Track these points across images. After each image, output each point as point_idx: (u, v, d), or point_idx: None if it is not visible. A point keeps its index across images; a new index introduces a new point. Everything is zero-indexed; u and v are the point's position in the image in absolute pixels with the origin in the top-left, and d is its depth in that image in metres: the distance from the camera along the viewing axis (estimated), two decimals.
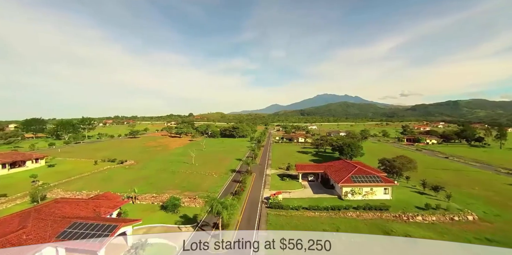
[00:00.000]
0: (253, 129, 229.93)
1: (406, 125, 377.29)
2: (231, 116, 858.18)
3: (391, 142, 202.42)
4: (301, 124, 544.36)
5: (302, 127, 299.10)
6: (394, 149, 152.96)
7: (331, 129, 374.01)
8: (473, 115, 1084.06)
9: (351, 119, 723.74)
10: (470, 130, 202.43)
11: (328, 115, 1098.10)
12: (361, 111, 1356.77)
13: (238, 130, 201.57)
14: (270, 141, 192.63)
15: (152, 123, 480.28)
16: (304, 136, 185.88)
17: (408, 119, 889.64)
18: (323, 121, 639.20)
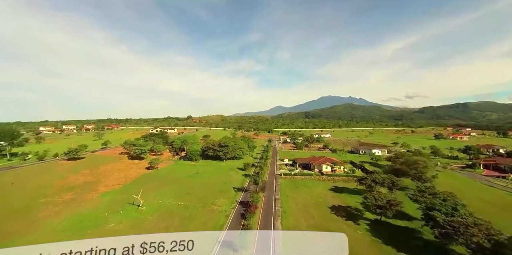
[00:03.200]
0: (250, 145, 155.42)
1: (439, 134, 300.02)
2: (232, 118, 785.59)
3: (458, 168, 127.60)
4: (309, 130, 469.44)
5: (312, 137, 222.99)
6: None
7: (349, 138, 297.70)
8: (484, 118, 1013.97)
9: (363, 123, 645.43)
10: None
11: (334, 118, 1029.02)
12: (367, 113, 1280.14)
13: (228, 149, 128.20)
14: (276, 169, 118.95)
15: (136, 129, 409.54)
16: (330, 163, 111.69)
17: (418, 122, 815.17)
18: (332, 125, 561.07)
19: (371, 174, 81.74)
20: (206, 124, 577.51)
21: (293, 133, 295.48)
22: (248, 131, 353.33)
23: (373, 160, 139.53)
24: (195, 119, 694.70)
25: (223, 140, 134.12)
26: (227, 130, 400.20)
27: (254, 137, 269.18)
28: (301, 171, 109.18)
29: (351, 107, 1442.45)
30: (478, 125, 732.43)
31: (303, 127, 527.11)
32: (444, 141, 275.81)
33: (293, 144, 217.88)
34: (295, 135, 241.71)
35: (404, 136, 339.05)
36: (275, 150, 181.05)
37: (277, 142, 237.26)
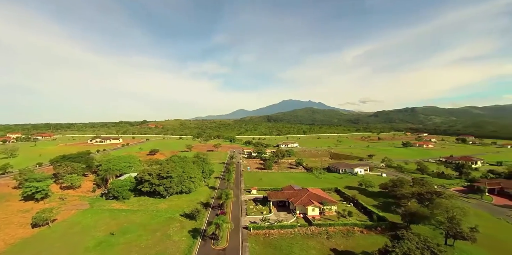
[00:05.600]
0: (206, 171, 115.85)
1: (407, 142, 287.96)
2: (192, 123, 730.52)
3: (459, 194, 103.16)
4: (274, 137, 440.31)
5: (282, 152, 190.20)
6: None
7: (318, 148, 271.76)
8: (430, 121, 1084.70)
9: (325, 128, 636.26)
10: None
11: (295, 121, 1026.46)
12: (327, 117, 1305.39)
13: (172, 180, 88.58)
14: (242, 212, 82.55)
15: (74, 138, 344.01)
16: (317, 203, 78.12)
17: (374, 126, 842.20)
18: (297, 131, 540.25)
19: (401, 242, 49.27)
20: (162, 130, 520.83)
21: (258, 143, 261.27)
22: (206, 141, 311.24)
23: (362, 186, 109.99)
24: (151, 124, 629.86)
25: (166, 167, 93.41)
26: (183, 139, 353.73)
27: (214, 150, 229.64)
28: (277, 217, 73.92)
29: (312, 111, 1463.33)
30: (426, 128, 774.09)
31: (267, 133, 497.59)
32: (413, 149, 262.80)
33: (260, 159, 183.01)
34: (261, 148, 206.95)
35: (372, 143, 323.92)
36: (239, 171, 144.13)
37: (241, 156, 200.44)
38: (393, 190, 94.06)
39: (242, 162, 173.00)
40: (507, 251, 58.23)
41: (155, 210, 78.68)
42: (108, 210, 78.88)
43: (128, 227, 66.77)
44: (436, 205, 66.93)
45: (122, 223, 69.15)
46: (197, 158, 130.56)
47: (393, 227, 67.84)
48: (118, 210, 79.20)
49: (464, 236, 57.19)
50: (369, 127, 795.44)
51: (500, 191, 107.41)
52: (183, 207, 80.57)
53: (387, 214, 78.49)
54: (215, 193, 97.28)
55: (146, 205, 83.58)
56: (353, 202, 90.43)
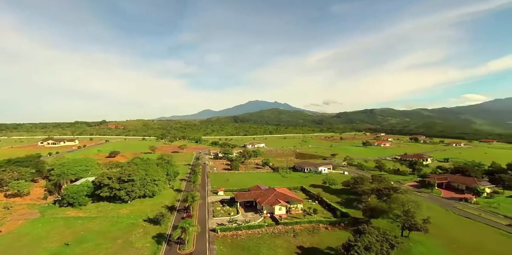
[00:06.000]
0: (171, 173, 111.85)
1: (367, 141, 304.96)
2: (156, 123, 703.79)
3: (412, 189, 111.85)
4: (241, 137, 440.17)
5: (249, 152, 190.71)
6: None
7: (284, 147, 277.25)
8: (386, 122, 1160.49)
9: (291, 128, 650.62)
10: None
11: (262, 122, 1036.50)
12: (292, 118, 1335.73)
13: (134, 184, 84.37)
14: (208, 214, 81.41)
15: (21, 140, 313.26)
16: (284, 202, 79.21)
17: (337, 127, 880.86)
18: (263, 132, 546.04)
19: (363, 236, 51.83)
20: (123, 131, 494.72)
21: (225, 144, 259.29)
22: (171, 142, 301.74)
23: (326, 184, 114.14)
24: (111, 125, 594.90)
25: (128, 170, 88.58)
26: (147, 140, 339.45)
27: (179, 151, 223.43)
28: (245, 218, 73.80)
29: (278, 112, 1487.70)
30: (383, 128, 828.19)
31: (234, 134, 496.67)
32: (372, 148, 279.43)
33: (226, 160, 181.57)
34: (228, 149, 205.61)
35: (335, 143, 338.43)
36: (206, 172, 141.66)
37: (207, 157, 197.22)
38: (354, 187, 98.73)
39: (208, 163, 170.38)
40: (454, 239, 64.03)
41: (115, 216, 74.11)
42: (62, 219, 72.65)
43: (85, 236, 62.08)
44: (393, 200, 71.56)
45: (79, 232, 64.10)
46: (161, 160, 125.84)
47: (355, 222, 71.21)
48: (74, 217, 73.26)
49: (418, 227, 61.90)
50: (332, 127, 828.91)
51: (447, 185, 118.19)
52: (146, 212, 76.96)
53: (350, 210, 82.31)
54: (181, 196, 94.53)
55: (106, 211, 78.44)
56: (318, 199, 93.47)
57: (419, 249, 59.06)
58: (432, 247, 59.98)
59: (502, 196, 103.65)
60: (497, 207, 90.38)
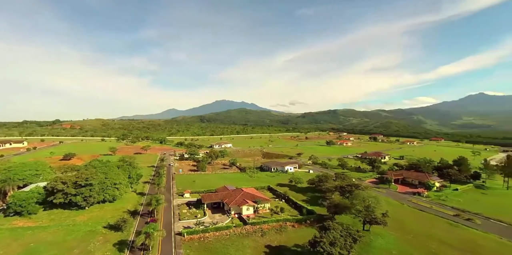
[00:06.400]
0: (133, 175, 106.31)
1: (330, 141, 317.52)
2: (117, 123, 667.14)
3: (372, 185, 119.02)
4: (207, 137, 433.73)
5: (216, 152, 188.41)
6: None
7: (251, 147, 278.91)
8: (348, 122, 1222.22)
9: (258, 128, 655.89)
10: (464, 163, 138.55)
11: (229, 122, 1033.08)
12: (259, 118, 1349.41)
13: (93, 188, 78.77)
14: (174, 217, 79.20)
15: None
16: (251, 202, 79.32)
17: (302, 126, 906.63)
18: (230, 132, 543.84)
19: (328, 232, 53.80)
20: (80, 131, 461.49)
21: (191, 144, 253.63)
22: (134, 143, 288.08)
23: (292, 182, 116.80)
24: (66, 124, 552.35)
25: (85, 174, 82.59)
26: (106, 141, 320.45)
27: (142, 152, 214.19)
28: (212, 220, 72.80)
29: (245, 112, 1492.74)
30: (346, 128, 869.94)
31: (200, 134, 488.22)
32: (335, 147, 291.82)
33: (192, 161, 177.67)
34: (194, 149, 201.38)
35: (300, 142, 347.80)
36: (171, 174, 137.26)
37: (173, 158, 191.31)
38: (319, 185, 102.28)
39: (173, 164, 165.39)
40: (409, 230, 69.29)
41: (71, 224, 68.63)
42: (9, 230, 65.56)
43: (36, 248, 56.68)
44: (355, 196, 75.30)
45: (28, 244, 58.32)
46: (123, 162, 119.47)
47: (320, 219, 73.66)
48: (22, 228, 66.45)
49: (378, 221, 65.86)
50: (298, 127, 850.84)
51: (402, 181, 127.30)
52: (106, 218, 72.43)
53: (315, 207, 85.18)
54: (144, 200, 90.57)
55: (60, 219, 72.28)
56: (285, 198, 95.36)
57: (379, 241, 62.88)
58: (390, 239, 64.17)
59: (449, 189, 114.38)
60: (445, 199, 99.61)
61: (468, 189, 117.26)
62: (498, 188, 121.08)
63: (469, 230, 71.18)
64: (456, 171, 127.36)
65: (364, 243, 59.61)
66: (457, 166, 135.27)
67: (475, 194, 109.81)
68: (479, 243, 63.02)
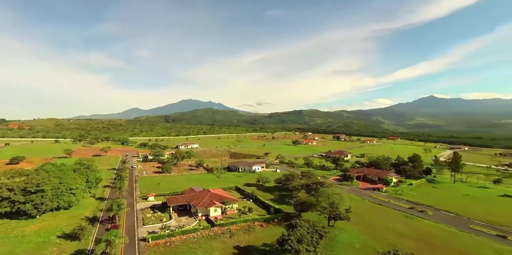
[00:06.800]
0: (92, 179, 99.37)
1: (296, 140, 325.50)
2: (73, 123, 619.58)
3: (336, 182, 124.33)
4: (173, 138, 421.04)
5: (182, 153, 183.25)
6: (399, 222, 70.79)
7: (218, 148, 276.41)
8: (313, 122, 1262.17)
9: (225, 128, 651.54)
10: (418, 159, 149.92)
11: (195, 122, 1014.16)
12: (226, 118, 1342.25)
13: (45, 194, 72.33)
14: (138, 222, 75.62)
15: None
16: (219, 203, 78.32)
17: (269, 126, 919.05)
18: (197, 132, 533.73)
19: (295, 230, 54.91)
20: (30, 132, 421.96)
21: (155, 145, 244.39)
22: (92, 144, 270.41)
23: (260, 182, 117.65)
24: (13, 124, 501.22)
25: (36, 179, 75.31)
26: (61, 142, 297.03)
27: (102, 154, 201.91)
28: (178, 223, 70.73)
29: (212, 112, 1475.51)
30: (311, 128, 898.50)
31: (165, 134, 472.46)
32: (301, 146, 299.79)
33: (157, 162, 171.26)
34: (159, 150, 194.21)
35: (267, 142, 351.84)
36: (133, 176, 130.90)
37: (135, 160, 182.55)
38: (286, 184, 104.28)
39: (137, 166, 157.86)
40: (370, 224, 73.46)
41: (20, 235, 62.14)
42: None
43: None
44: (320, 194, 77.91)
45: None
46: (80, 165, 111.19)
47: (288, 217, 75.06)
48: None
49: (342, 217, 68.76)
50: (265, 127, 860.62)
51: (363, 177, 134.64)
52: (61, 227, 66.78)
53: (282, 206, 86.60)
54: (104, 205, 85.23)
55: (6, 230, 65.01)
56: (253, 198, 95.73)
57: (343, 236, 65.72)
58: (353, 233, 67.40)
59: (405, 184, 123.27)
60: (401, 193, 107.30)
61: (421, 184, 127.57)
62: (446, 182, 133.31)
63: (423, 221, 77.73)
64: (410, 167, 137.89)
65: (329, 239, 61.83)
66: (411, 163, 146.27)
67: (427, 188, 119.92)
68: (431, 233, 69.03)
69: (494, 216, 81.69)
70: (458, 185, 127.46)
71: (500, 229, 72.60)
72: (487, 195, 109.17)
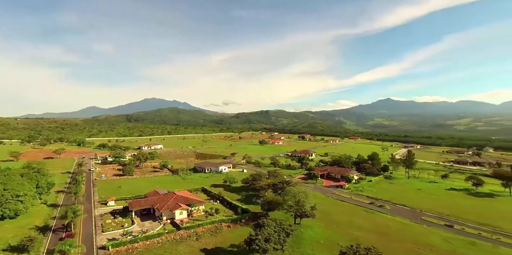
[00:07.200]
0: (43, 184, 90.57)
1: (263, 140, 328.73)
2: (21, 122, 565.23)
3: (301, 181, 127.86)
4: (135, 138, 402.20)
5: (144, 154, 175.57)
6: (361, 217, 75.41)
7: (184, 148, 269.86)
8: (279, 122, 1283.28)
9: (191, 128, 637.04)
10: (376, 158, 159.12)
11: (159, 121, 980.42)
12: (192, 117, 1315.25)
13: None
14: (96, 229, 70.94)
15: None
16: (185, 206, 76.11)
17: (236, 126, 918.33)
18: (161, 132, 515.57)
19: (262, 229, 55.17)
20: None
21: (115, 146, 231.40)
22: (43, 145, 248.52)
23: (226, 183, 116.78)
24: None
25: None
26: (5, 144, 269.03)
27: (55, 157, 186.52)
28: (141, 228, 67.49)
29: (177, 111, 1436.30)
30: (277, 128, 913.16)
31: (127, 134, 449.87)
32: (267, 146, 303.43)
33: (118, 164, 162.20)
34: (120, 152, 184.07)
35: (234, 142, 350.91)
36: (91, 180, 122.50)
37: (93, 162, 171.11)
38: (253, 184, 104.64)
39: (95, 169, 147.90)
40: (334, 220, 76.77)
41: None
42: None
43: None
44: (287, 192, 79.32)
45: None
46: (29, 169, 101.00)
47: (255, 217, 75.40)
48: None
49: (307, 214, 70.65)
50: (232, 127, 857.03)
51: (327, 175, 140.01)
52: (6, 238, 59.96)
53: (250, 205, 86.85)
54: (58, 212, 78.53)
55: None
56: (220, 199, 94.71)
57: (309, 233, 67.63)
58: (318, 230, 69.70)
59: (365, 181, 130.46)
60: (362, 190, 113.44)
61: (380, 180, 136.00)
62: (402, 178, 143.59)
63: (381, 215, 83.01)
64: (370, 165, 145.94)
65: (296, 236, 63.18)
66: (371, 161, 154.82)
67: (385, 184, 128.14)
68: (389, 225, 74.15)
69: (442, 208, 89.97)
70: (412, 180, 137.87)
71: (448, 219, 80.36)
72: (436, 189, 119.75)
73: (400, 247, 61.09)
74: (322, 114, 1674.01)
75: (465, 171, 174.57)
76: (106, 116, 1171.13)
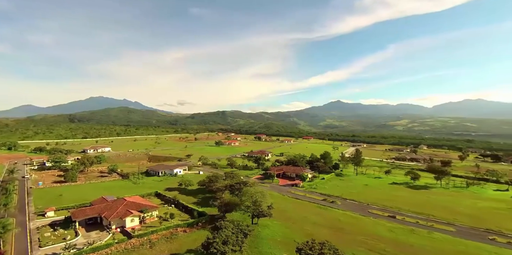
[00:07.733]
0: None
1: (219, 141, 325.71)
2: None
3: (258, 181, 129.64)
4: (79, 141, 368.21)
5: (90, 158, 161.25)
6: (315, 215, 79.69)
7: (135, 151, 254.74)
8: (236, 123, 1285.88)
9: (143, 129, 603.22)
10: (328, 156, 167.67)
11: (108, 122, 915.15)
12: (144, 118, 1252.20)
13: None
14: (31, 244, 62.99)
15: None
16: (136, 212, 71.18)
17: (191, 127, 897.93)
18: (109, 134, 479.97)
19: (220, 232, 54.20)
20: None
21: (55, 150, 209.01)
22: None
23: (182, 186, 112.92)
24: None
25: None
26: None
27: None
28: (87, 240, 61.54)
29: (127, 111, 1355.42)
30: (233, 129, 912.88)
31: (69, 136, 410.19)
32: (224, 147, 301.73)
33: (58, 170, 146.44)
34: (60, 156, 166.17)
35: (190, 143, 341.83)
36: (26, 189, 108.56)
37: (28, 168, 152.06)
38: (209, 186, 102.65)
39: (30, 176, 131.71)
40: (289, 217, 79.24)
41: None
42: None
43: None
44: (244, 193, 79.68)
45: None
46: None
47: (212, 220, 74.11)
48: None
49: (264, 213, 71.56)
50: (187, 128, 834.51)
51: (283, 175, 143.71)
52: None
53: (207, 208, 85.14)
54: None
55: None
56: (175, 203, 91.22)
57: (266, 232, 68.55)
58: (275, 228, 71.08)
59: (318, 179, 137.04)
60: (316, 187, 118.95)
61: (331, 177, 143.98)
62: (351, 174, 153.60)
63: (333, 210, 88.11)
64: (322, 164, 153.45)
65: (254, 236, 63.60)
66: (323, 159, 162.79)
67: (336, 181, 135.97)
68: (340, 220, 78.97)
69: (386, 201, 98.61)
70: (360, 177, 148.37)
71: (391, 211, 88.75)
72: (381, 184, 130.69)
73: (351, 239, 65.15)
74: (278, 115, 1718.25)
75: (405, 166, 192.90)
76: (44, 116, 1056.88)
